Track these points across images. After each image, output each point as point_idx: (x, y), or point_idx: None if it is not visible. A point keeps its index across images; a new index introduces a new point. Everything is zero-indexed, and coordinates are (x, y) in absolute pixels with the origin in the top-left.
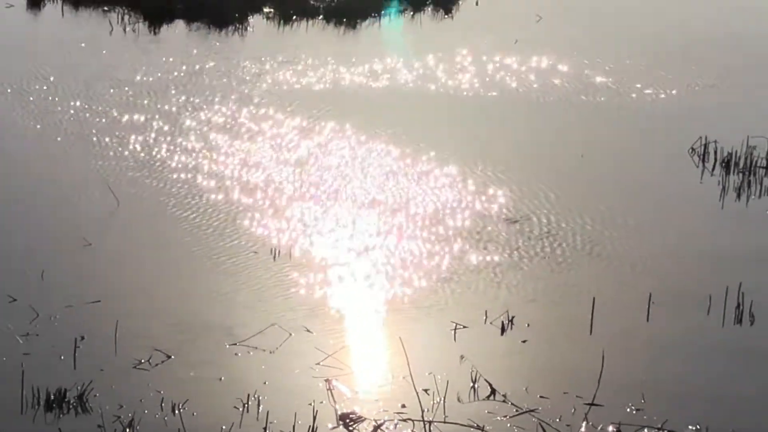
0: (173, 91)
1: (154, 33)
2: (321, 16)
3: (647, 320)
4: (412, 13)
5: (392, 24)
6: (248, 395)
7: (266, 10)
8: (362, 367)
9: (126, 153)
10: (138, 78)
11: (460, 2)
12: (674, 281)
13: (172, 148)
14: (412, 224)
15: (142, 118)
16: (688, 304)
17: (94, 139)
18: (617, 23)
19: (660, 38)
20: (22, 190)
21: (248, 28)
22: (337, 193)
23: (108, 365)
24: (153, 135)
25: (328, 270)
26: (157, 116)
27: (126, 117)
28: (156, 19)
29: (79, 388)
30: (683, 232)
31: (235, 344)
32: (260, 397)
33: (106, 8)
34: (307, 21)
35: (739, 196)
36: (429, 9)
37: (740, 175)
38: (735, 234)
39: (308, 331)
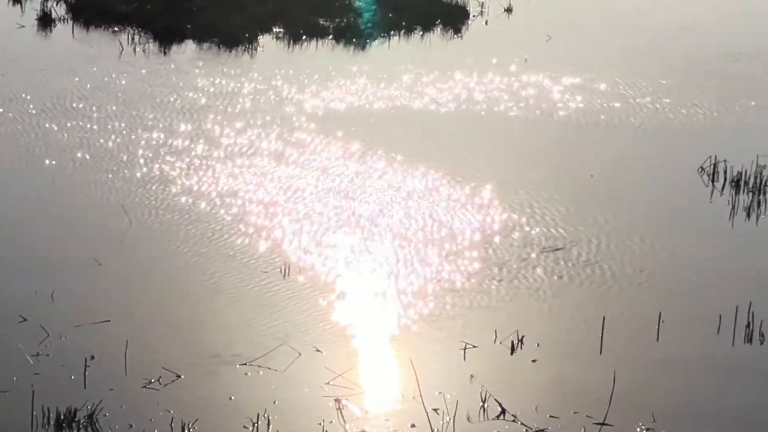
0: (186, 112)
1: (165, 53)
2: (330, 36)
3: (657, 339)
4: (421, 32)
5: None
6: (258, 415)
7: (276, 30)
8: (372, 386)
9: (138, 173)
10: (150, 98)
11: (470, 22)
12: (684, 300)
13: (184, 168)
14: (421, 244)
15: (155, 138)
16: (698, 323)
17: (107, 158)
18: (627, 43)
19: (671, 56)
20: (33, 209)
21: (258, 48)
22: (349, 213)
23: (118, 385)
24: (166, 155)
25: (337, 289)
26: (170, 136)
27: (139, 137)
28: (166, 39)
29: (89, 407)
30: (693, 251)
31: (245, 364)
32: (270, 417)
33: (116, 29)
34: (317, 41)
35: (748, 215)
36: (438, 29)
37: (750, 194)
38: (745, 253)
39: (318, 350)
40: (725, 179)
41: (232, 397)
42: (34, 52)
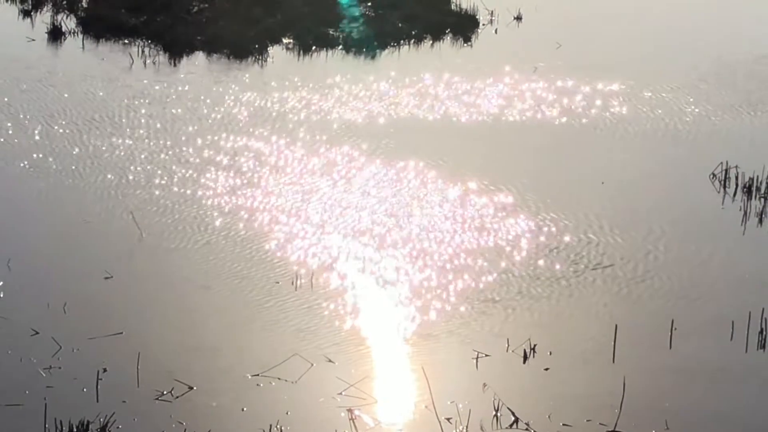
0: (196, 124)
1: (175, 65)
2: (340, 46)
3: (669, 347)
4: (431, 41)
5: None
6: (270, 426)
7: (285, 41)
8: (385, 396)
9: (150, 185)
10: (161, 111)
11: (479, 30)
12: (696, 307)
13: (195, 179)
14: (433, 253)
15: (167, 150)
16: (711, 329)
17: (118, 171)
18: (636, 49)
19: (681, 62)
20: (45, 222)
21: (268, 59)
22: (360, 223)
23: (130, 397)
24: (176, 167)
25: (349, 299)
26: (181, 148)
27: (150, 149)
28: (176, 51)
29: (101, 420)
30: (705, 257)
31: (257, 375)
32: (282, 428)
33: (126, 41)
34: (327, 51)
35: (761, 221)
36: (448, 38)
37: (762, 200)
38: (757, 259)
39: (330, 361)
40: (737, 185)
41: (245, 409)
42: (44, 65)
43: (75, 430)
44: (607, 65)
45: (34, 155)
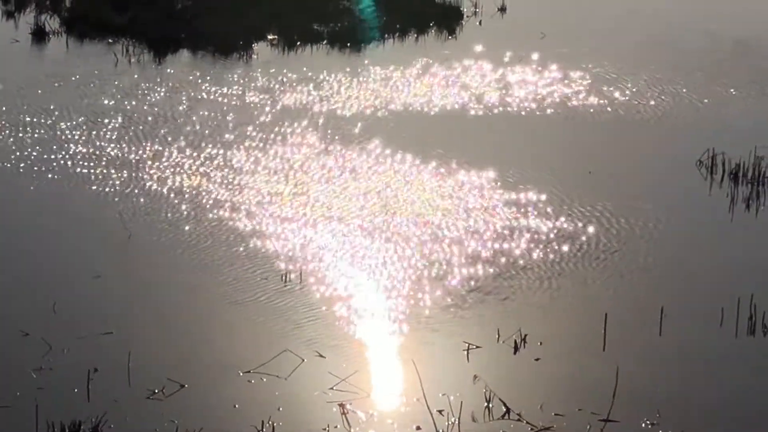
0: (182, 122)
1: (159, 63)
2: (325, 41)
3: (660, 334)
4: (416, 35)
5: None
6: (262, 422)
7: (270, 36)
8: (376, 390)
9: (137, 184)
10: (147, 109)
11: (464, 22)
12: (686, 294)
13: (182, 179)
14: (421, 245)
15: (153, 150)
16: (701, 316)
17: (105, 171)
18: (621, 38)
19: (665, 50)
20: (33, 222)
21: (253, 55)
22: (349, 216)
23: (122, 396)
24: (163, 166)
25: (339, 294)
26: (167, 148)
27: (137, 149)
28: (160, 49)
29: (93, 420)
30: (693, 244)
31: (248, 371)
32: (275, 424)
33: (110, 40)
34: (312, 46)
35: (748, 207)
36: (432, 30)
37: (749, 186)
38: (745, 245)
39: (320, 356)
40: (724, 171)
41: (237, 405)
42: (29, 66)
43: (67, 430)
44: (592, 54)
45: (19, 156)
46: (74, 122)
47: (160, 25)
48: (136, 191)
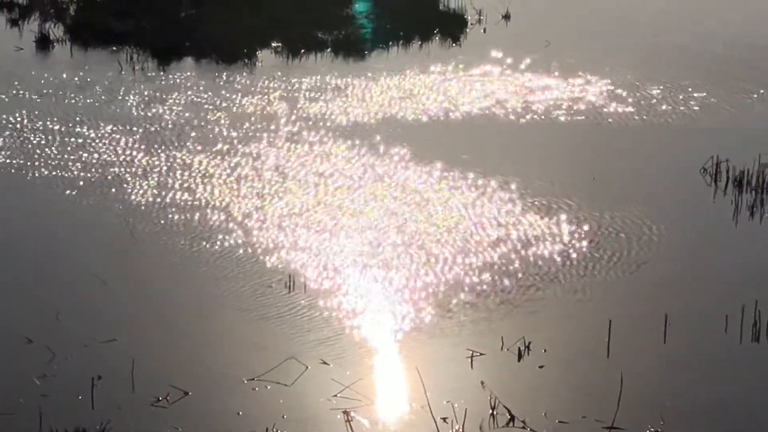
0: (187, 129)
1: (164, 71)
2: (329, 49)
3: (664, 341)
4: (420, 42)
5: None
6: (266, 429)
7: (274, 44)
8: (380, 397)
9: (142, 191)
10: (152, 117)
11: (468, 30)
12: (690, 301)
13: (186, 185)
14: (425, 252)
15: (158, 157)
16: (705, 323)
17: (109, 177)
18: (624, 45)
19: (669, 57)
20: (36, 229)
21: (257, 62)
22: (353, 223)
23: (126, 404)
24: (168, 173)
25: (343, 301)
26: (171, 154)
27: (142, 155)
28: (165, 57)
29: (97, 427)
30: (697, 251)
31: (252, 379)
32: None
33: (114, 48)
34: (316, 54)
35: (752, 214)
36: (437, 38)
37: (753, 193)
38: (749, 252)
39: (325, 363)
40: (728, 179)
41: (240, 413)
42: (34, 75)
43: None
44: (596, 62)
45: (22, 162)
46: (79, 129)
47: (163, 33)
48: (141, 197)
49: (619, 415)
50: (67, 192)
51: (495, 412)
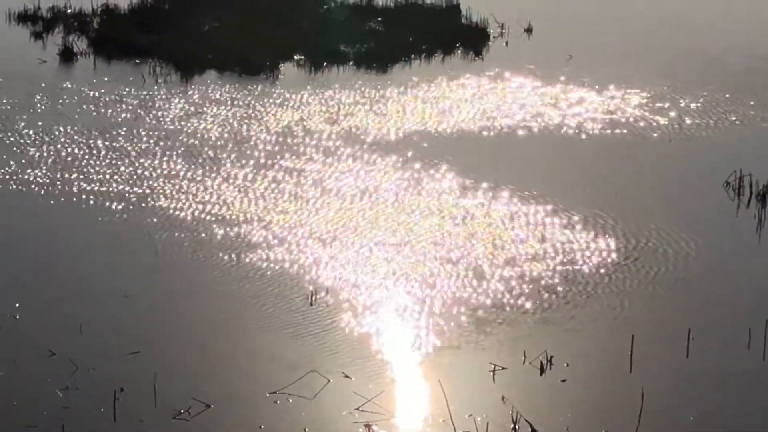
0: (213, 141)
1: (186, 83)
2: (351, 62)
3: (687, 356)
4: (442, 55)
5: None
6: None
7: (297, 57)
8: (402, 410)
9: (165, 203)
10: (176, 129)
11: (490, 44)
12: (713, 316)
13: (211, 198)
14: (448, 266)
15: (183, 169)
16: (728, 338)
17: (133, 189)
18: (648, 59)
19: (691, 70)
20: (59, 242)
21: (280, 75)
22: (377, 237)
23: (147, 416)
24: (192, 185)
25: (365, 314)
26: (196, 166)
27: (165, 167)
28: (187, 69)
29: None
30: (720, 266)
31: (275, 392)
32: None
33: (137, 60)
34: (338, 67)
35: None
36: (459, 51)
37: None
38: None
39: (347, 376)
40: (751, 193)
41: (262, 426)
42: (55, 86)
43: None
44: (619, 75)
45: (46, 173)
46: (104, 142)
47: (185, 46)
48: (165, 210)
49: (641, 430)
50: (92, 205)
51: (516, 427)
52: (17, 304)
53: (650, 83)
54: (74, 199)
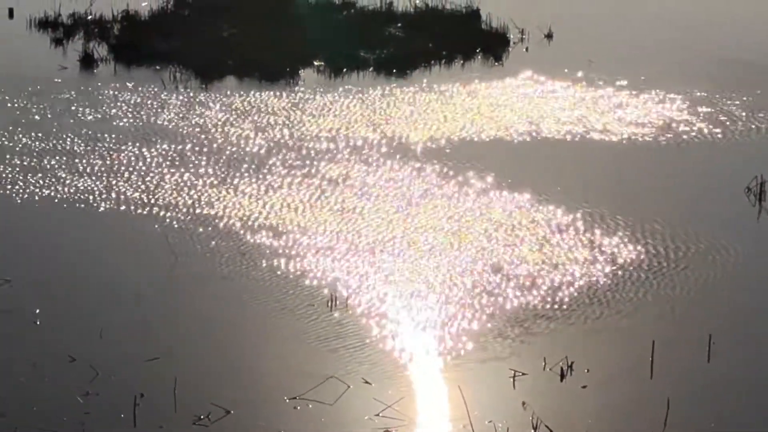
0: (232, 148)
1: (207, 89)
2: (371, 68)
3: (708, 361)
4: (462, 61)
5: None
6: None
7: (316, 63)
8: (422, 417)
9: (184, 209)
10: (195, 135)
11: (510, 49)
12: (734, 321)
13: (229, 203)
14: (468, 272)
15: (202, 175)
16: (749, 343)
17: (152, 195)
18: (670, 64)
19: (713, 75)
20: (80, 247)
21: (300, 81)
22: (398, 242)
23: (168, 422)
24: (211, 191)
25: (385, 320)
26: (215, 173)
27: (185, 174)
28: (207, 75)
29: None
30: (741, 271)
31: (294, 398)
32: None
33: (157, 67)
34: (358, 72)
35: None
36: (479, 57)
37: None
38: None
39: (367, 382)
40: None
41: (282, 431)
42: (76, 92)
43: None
44: (640, 80)
45: (65, 180)
46: (123, 147)
47: (206, 52)
48: (184, 216)
49: None
50: (109, 210)
51: None
52: (38, 310)
53: (671, 87)
54: (92, 205)
